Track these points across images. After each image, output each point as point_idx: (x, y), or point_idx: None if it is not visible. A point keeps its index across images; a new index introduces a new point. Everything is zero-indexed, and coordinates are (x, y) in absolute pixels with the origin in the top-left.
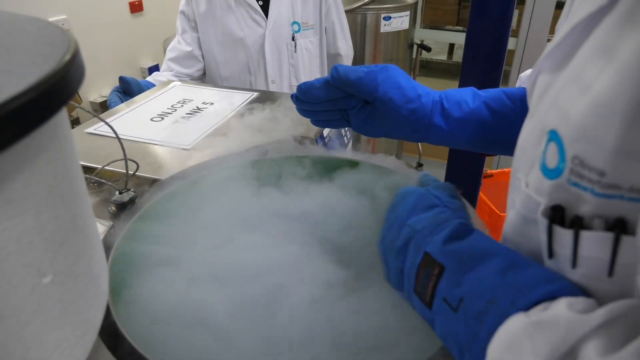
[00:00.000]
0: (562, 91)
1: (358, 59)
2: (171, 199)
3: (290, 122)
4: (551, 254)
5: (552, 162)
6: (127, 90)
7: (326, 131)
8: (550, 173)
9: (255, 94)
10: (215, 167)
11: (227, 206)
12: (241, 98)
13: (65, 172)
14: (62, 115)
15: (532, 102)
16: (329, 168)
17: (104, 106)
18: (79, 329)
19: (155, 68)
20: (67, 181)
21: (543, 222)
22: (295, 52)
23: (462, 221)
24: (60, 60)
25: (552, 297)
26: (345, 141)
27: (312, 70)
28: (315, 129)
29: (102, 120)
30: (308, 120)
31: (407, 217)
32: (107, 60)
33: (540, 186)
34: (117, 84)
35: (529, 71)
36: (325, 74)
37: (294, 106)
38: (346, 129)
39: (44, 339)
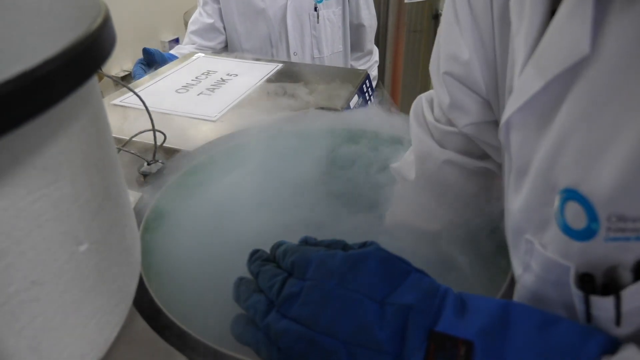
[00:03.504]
0: (561, 148)
1: (381, 29)
2: (199, 170)
3: (315, 93)
4: (589, 319)
5: (578, 223)
6: (151, 62)
7: (352, 102)
8: (578, 235)
9: (279, 66)
10: (242, 138)
11: (252, 177)
12: (265, 70)
13: (99, 140)
14: (94, 82)
15: (516, 159)
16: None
17: (125, 80)
18: (114, 297)
19: (175, 41)
20: (100, 149)
21: (578, 294)
22: (318, 23)
23: (448, 287)
24: (93, 24)
25: (604, 349)
26: None
27: (334, 41)
28: (341, 100)
29: (132, 90)
30: (333, 91)
31: (383, 292)
32: (127, 34)
33: (566, 249)
34: (138, 57)
35: (429, 94)
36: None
37: (318, 77)
38: (372, 99)
39: (81, 307)
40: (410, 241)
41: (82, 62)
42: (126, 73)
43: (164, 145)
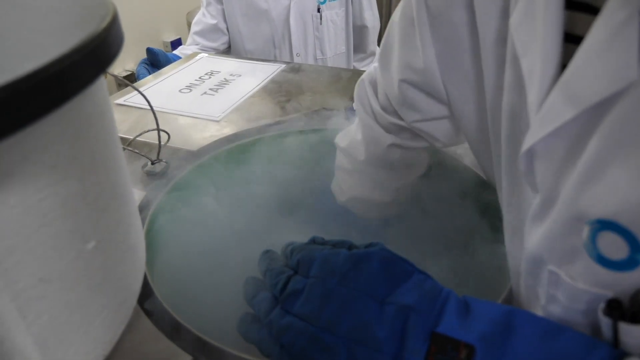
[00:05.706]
0: (593, 177)
1: (384, 31)
2: (203, 169)
3: (318, 94)
4: (617, 344)
5: (616, 253)
6: (155, 62)
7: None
8: (617, 265)
9: (282, 66)
10: (246, 138)
11: (255, 177)
12: (268, 70)
13: (106, 139)
14: (102, 81)
15: (542, 189)
16: None
17: (128, 80)
18: (120, 295)
19: (178, 42)
20: (107, 148)
21: (606, 321)
22: (321, 24)
23: (451, 290)
24: (101, 23)
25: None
26: None
27: (337, 42)
28: (344, 101)
29: (137, 90)
30: (337, 92)
31: (384, 292)
32: (130, 35)
33: (600, 279)
34: (140, 58)
35: (371, 76)
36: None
37: (321, 78)
38: None
39: (88, 304)
40: (410, 241)
41: (92, 60)
42: (128, 73)
43: (168, 144)
